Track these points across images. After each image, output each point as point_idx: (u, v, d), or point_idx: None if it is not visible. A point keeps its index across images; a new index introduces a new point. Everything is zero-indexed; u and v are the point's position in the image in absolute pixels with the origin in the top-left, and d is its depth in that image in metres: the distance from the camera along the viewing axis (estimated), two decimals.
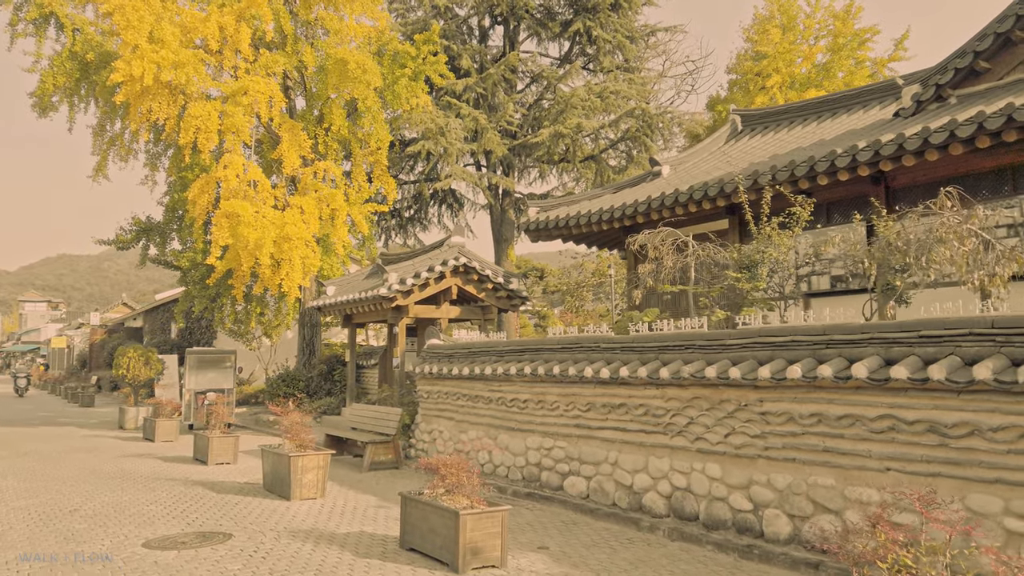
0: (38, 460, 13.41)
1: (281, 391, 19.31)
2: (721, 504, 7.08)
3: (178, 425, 16.77)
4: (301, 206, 18.22)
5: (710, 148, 17.60)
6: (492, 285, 16.70)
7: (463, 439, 11.20)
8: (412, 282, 15.56)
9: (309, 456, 9.48)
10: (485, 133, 22.11)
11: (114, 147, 20.21)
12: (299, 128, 18.70)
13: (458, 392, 11.43)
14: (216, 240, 17.12)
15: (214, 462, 12.71)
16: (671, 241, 11.56)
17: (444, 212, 27.55)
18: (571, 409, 9.10)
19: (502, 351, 10.68)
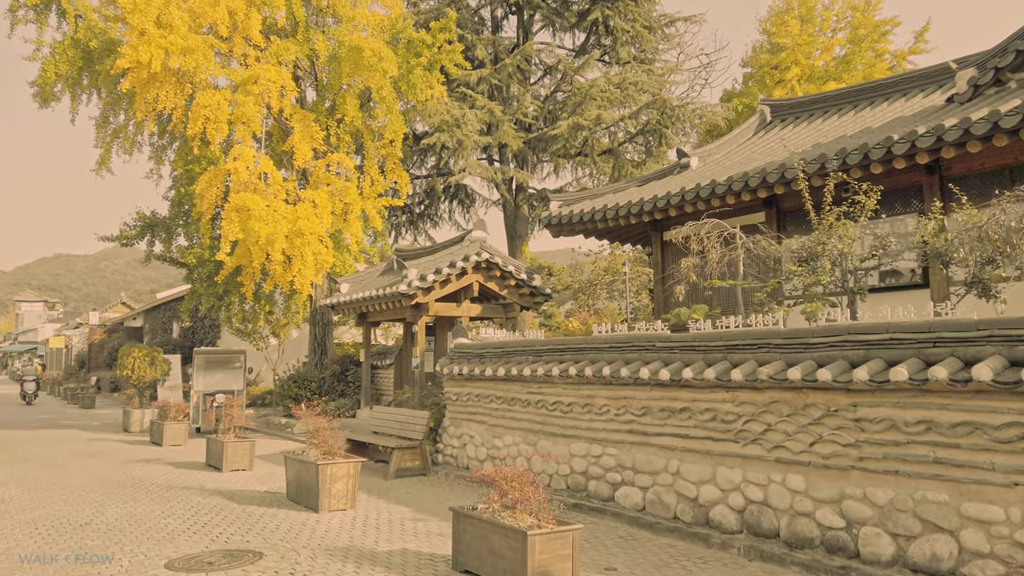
0: (42, 466, 12.70)
1: (292, 392, 18.59)
2: (806, 520, 6.40)
3: (187, 429, 16.06)
4: (314, 200, 17.50)
5: (738, 140, 16.94)
6: (515, 282, 16.01)
7: (497, 445, 10.51)
8: (433, 278, 14.87)
9: (338, 464, 8.78)
10: (501, 126, 21.40)
11: (118, 139, 19.47)
12: (311, 119, 17.99)
13: (491, 394, 10.74)
14: (225, 235, 16.40)
15: (229, 468, 12.01)
16: (717, 233, 10.90)
17: (455, 208, 26.86)
18: (623, 413, 8.42)
19: (540, 350, 9.99)
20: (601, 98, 21.00)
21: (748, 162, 13.95)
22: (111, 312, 61.77)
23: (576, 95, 21.97)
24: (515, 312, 16.46)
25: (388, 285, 15.70)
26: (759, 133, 16.97)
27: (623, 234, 17.33)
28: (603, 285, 30.28)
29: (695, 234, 11.40)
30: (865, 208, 8.92)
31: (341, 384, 18.93)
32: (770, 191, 12.01)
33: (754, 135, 17.00)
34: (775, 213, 13.27)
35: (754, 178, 11.90)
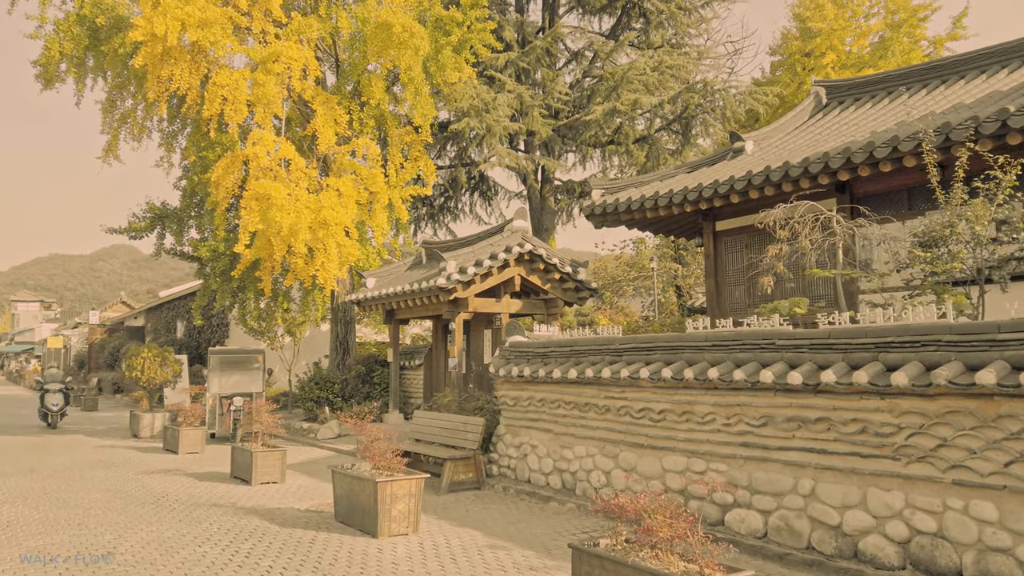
0: (49, 478, 11.48)
1: (314, 395, 17.38)
2: (1002, 558, 5.22)
3: (204, 435, 14.84)
4: (338, 188, 16.28)
5: (793, 123, 15.79)
6: (559, 275, 14.83)
7: (567, 456, 9.31)
8: (474, 271, 13.67)
9: (399, 482, 7.58)
10: (530, 112, 20.19)
11: (126, 125, 18.23)
12: (335, 101, 16.76)
13: (558, 399, 9.55)
14: (245, 226, 15.18)
15: (258, 481, 10.80)
16: (812, 217, 9.72)
17: (476, 201, 25.64)
18: (734, 423, 7.23)
19: (620, 349, 8.80)
20: (638, 82, 19.80)
21: (812, 145, 12.83)
22: (110, 311, 60.55)
23: (609, 79, 20.77)
24: (558, 308, 15.27)
25: (422, 279, 14.50)
26: (815, 116, 15.82)
27: (668, 225, 16.18)
28: (628, 281, 29.12)
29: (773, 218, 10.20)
30: (1003, 185, 7.75)
31: (366, 386, 17.71)
32: (853, 173, 10.89)
33: (810, 118, 15.86)
34: (848, 198, 12.11)
35: (836, 158, 10.77)
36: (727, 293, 14.65)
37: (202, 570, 6.39)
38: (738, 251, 14.30)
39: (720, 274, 14.68)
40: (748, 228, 13.81)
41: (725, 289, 14.64)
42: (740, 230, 14.05)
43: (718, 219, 14.44)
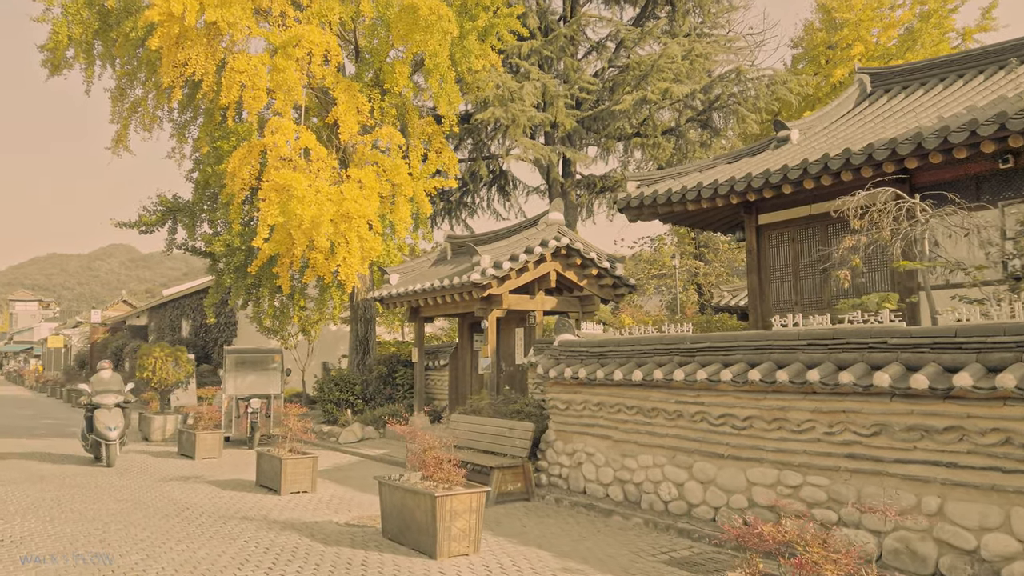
0: (61, 486, 10.69)
1: (333, 396, 16.60)
2: None
3: (221, 439, 14.06)
4: (360, 180, 15.52)
5: (837, 112, 15.05)
6: (596, 271, 14.08)
7: (630, 466, 8.54)
8: (509, 266, 12.91)
9: (460, 496, 6.81)
10: (555, 102, 19.42)
11: (136, 114, 17.46)
12: (356, 88, 15.98)
13: (619, 403, 8.78)
14: (263, 218, 14.42)
15: (288, 491, 10.02)
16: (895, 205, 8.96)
17: (494, 196, 24.86)
18: (838, 432, 6.46)
19: (692, 349, 8.04)
20: (669, 71, 19.04)
21: (867, 134, 12.12)
22: (111, 311, 59.77)
23: (636, 68, 20.00)
24: (594, 305, 14.52)
25: (453, 274, 13.73)
26: (860, 105, 15.07)
27: (706, 218, 15.44)
28: (647, 279, 28.36)
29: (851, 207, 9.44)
30: None
31: (388, 387, 16.94)
32: (923, 160, 10.17)
33: (855, 107, 15.11)
34: (908, 189, 11.36)
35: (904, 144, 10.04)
36: (772, 290, 13.89)
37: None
38: (783, 245, 13.54)
39: (763, 270, 13.92)
40: (794, 221, 13.07)
41: (769, 286, 13.89)
42: (786, 223, 13.30)
43: (761, 212, 13.70)
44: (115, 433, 12.65)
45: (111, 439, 12.64)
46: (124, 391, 13.26)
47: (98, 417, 12.73)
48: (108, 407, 12.85)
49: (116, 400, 12.97)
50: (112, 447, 12.62)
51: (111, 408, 12.86)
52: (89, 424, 13.06)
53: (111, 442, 12.60)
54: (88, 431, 13.13)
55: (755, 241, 13.90)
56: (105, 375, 13.37)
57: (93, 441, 12.97)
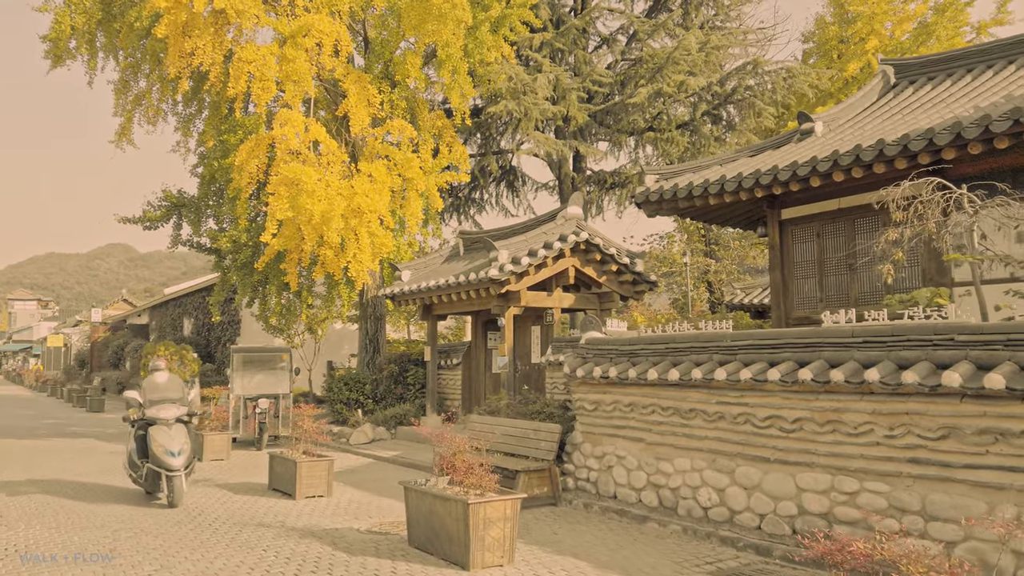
0: (65, 491, 10.27)
1: (343, 396, 16.19)
2: None
3: (229, 440, 13.65)
4: (370, 174, 15.11)
5: (861, 104, 14.65)
6: (616, 267, 13.67)
7: (665, 470, 8.13)
8: (528, 261, 12.51)
9: (493, 504, 6.40)
10: (568, 95, 19.00)
11: (140, 107, 17.04)
12: (367, 80, 15.56)
13: (652, 404, 8.37)
14: (272, 213, 14.01)
15: (304, 495, 9.61)
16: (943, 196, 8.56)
17: (503, 192, 24.43)
18: (900, 435, 6.06)
19: (733, 347, 7.63)
20: (685, 63, 18.62)
21: (893, 126, 11.76)
22: (111, 309, 59.36)
23: (650, 61, 19.58)
24: (613, 303, 14.12)
25: (469, 270, 13.33)
26: (885, 97, 14.67)
27: (726, 214, 15.06)
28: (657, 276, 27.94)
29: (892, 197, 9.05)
30: None
31: (399, 387, 16.52)
32: (961, 150, 9.81)
33: (879, 99, 14.71)
34: None
35: (943, 135, 9.70)
36: (796, 287, 13.50)
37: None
38: (808, 241, 13.15)
39: (787, 266, 13.53)
40: (820, 216, 12.71)
41: (793, 283, 13.49)
42: (810, 218, 12.92)
43: (784, 207, 13.32)
44: (180, 460, 9.12)
45: (175, 468, 9.03)
46: (187, 399, 9.84)
47: (155, 437, 9.11)
48: (167, 423, 9.30)
49: (177, 413, 9.48)
50: (176, 480, 9.06)
51: (171, 424, 9.31)
52: (141, 447, 9.46)
53: (175, 472, 9.06)
54: (139, 456, 9.52)
55: (778, 237, 13.52)
56: (161, 378, 9.77)
57: (149, 472, 9.36)
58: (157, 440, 9.09)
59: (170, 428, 9.28)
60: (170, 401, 9.58)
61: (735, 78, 19.04)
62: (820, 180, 11.32)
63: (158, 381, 9.72)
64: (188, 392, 9.94)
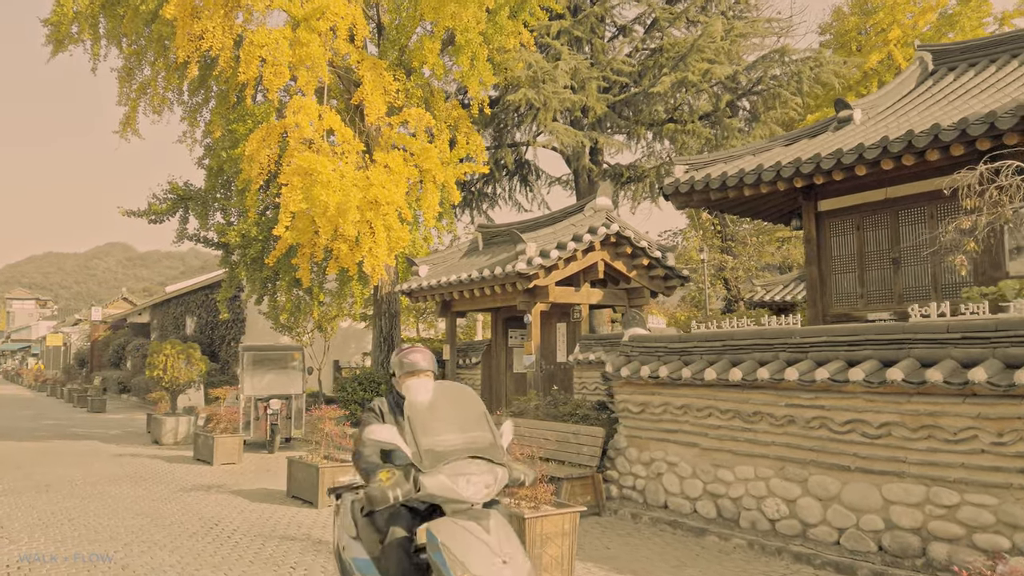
0: (69, 497, 9.62)
1: (357, 396, 15.53)
2: None
3: (241, 442, 13.00)
4: (387, 164, 14.44)
5: (899, 92, 14.00)
6: (647, 261, 13.02)
7: (724, 478, 7.48)
8: (557, 254, 11.87)
9: (551, 518, 5.75)
10: (587, 84, 18.35)
11: (145, 96, 16.36)
12: (383, 66, 14.89)
13: (708, 406, 7.72)
14: (285, 204, 13.35)
15: (327, 503, 8.96)
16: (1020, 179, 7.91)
17: (516, 186, 23.78)
18: (1011, 442, 5.41)
19: (803, 344, 6.98)
20: (710, 51, 17.97)
21: (939, 113, 11.16)
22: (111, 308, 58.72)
23: (672, 49, 18.94)
24: (643, 299, 13.48)
25: (494, 264, 12.67)
26: (924, 84, 14.03)
27: (757, 206, 14.44)
28: None
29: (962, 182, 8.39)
30: None
31: None
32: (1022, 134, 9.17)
33: (918, 86, 14.06)
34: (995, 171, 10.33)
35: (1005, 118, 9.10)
36: (834, 282, 12.86)
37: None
38: (847, 234, 12.52)
39: (824, 261, 12.90)
40: (860, 207, 12.08)
41: (831, 278, 12.86)
42: (850, 210, 12.29)
43: (822, 198, 12.70)
44: None
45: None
46: (500, 439, 3.56)
47: (458, 554, 3.10)
48: (477, 514, 3.26)
49: (493, 482, 3.37)
50: None
51: (485, 518, 3.25)
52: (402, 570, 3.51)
53: None
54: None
55: (814, 230, 12.90)
56: (427, 393, 3.55)
57: None
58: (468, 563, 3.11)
59: (487, 528, 3.23)
60: (477, 458, 3.40)
61: (761, 67, 18.40)
62: (866, 168, 10.68)
63: (429, 404, 3.54)
64: (501, 429, 3.80)
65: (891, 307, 11.74)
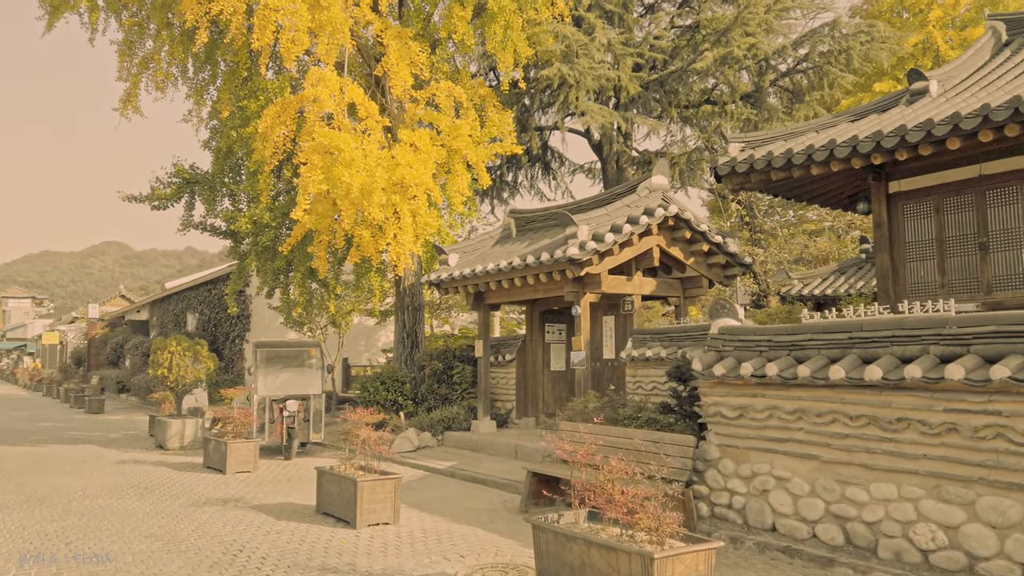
0: (68, 514, 8.33)
1: (379, 396, 14.26)
2: None
3: (257, 448, 11.72)
4: (413, 143, 13.19)
5: (974, 63, 12.73)
6: (707, 247, 11.77)
7: (856, 498, 6.22)
8: (613, 238, 10.60)
9: (684, 557, 4.49)
10: (623, 60, 17.07)
11: (147, 71, 15.06)
12: (408, 35, 13.61)
13: (833, 410, 6.46)
14: (304, 186, 12.11)
15: (366, 523, 7.69)
16: None
17: (537, 175, 22.50)
18: None
19: (960, 335, 5.72)
20: (754, 24, 16.71)
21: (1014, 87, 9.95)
22: (109, 305, 57.43)
23: (710, 25, 17.67)
24: (701, 289, 12.23)
25: (540, 250, 11.39)
26: (1001, 55, 12.77)
27: (817, 190, 13.20)
28: None
29: None
30: None
31: (443, 386, 14.58)
32: None
33: (993, 57, 12.81)
34: None
35: None
36: (909, 271, 11.60)
37: None
38: (924, 217, 11.26)
39: (896, 247, 11.64)
40: (939, 188, 10.83)
41: (906, 266, 11.60)
42: (927, 191, 11.04)
43: (893, 179, 11.46)
44: None
45: None
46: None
47: None
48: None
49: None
50: None
51: None
52: None
53: None
54: None
55: (885, 213, 11.64)
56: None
57: None
58: None
59: None
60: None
61: (808, 42, 17.14)
62: (960, 141, 9.42)
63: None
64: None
65: (978, 297, 10.50)
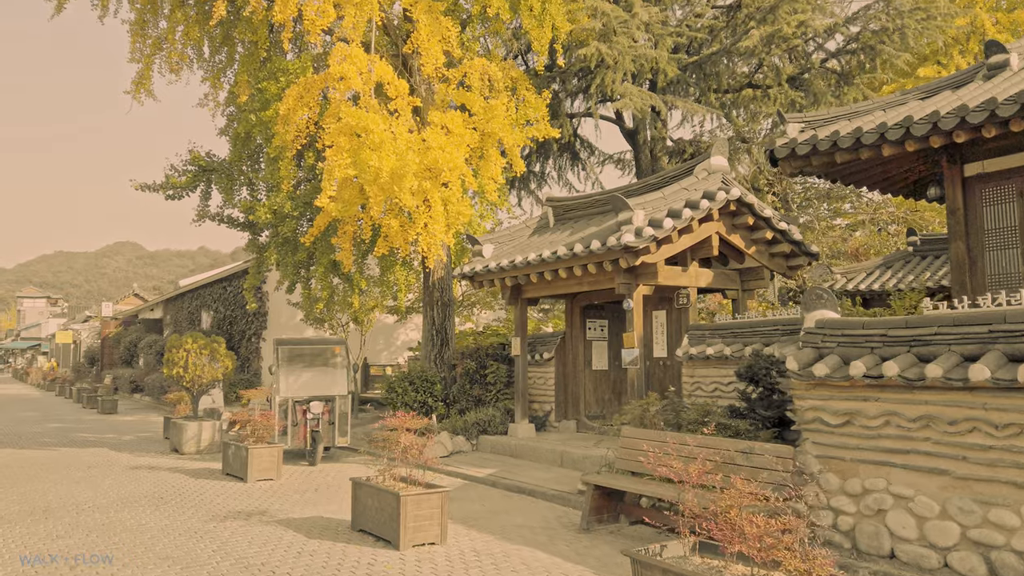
0: (74, 529, 7.43)
1: (410, 398, 13.33)
2: None
3: (280, 454, 10.81)
4: (445, 125, 12.26)
5: None
6: (771, 235, 10.77)
7: (1001, 521, 5.23)
8: (672, 224, 9.62)
9: None
10: (662, 41, 16.07)
11: (160, 52, 14.20)
12: (440, 9, 12.68)
13: (972, 417, 5.46)
14: (329, 170, 11.20)
15: (411, 543, 6.74)
16: None
17: (565, 164, 21.53)
18: None
19: None
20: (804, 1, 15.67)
21: None
22: (122, 304, 56.98)
23: (753, 3, 16.64)
24: (762, 281, 11.22)
25: (589, 239, 10.41)
26: None
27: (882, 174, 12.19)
28: None
29: None
30: None
31: (476, 387, 13.63)
32: None
33: None
34: None
35: None
36: (988, 260, 10.55)
37: None
38: (1005, 202, 10.20)
39: (973, 235, 10.60)
40: (1021, 170, 9.82)
41: (984, 255, 10.56)
42: (1009, 173, 10.00)
43: (969, 161, 10.42)
44: None
45: None
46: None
47: None
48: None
49: None
50: None
51: None
52: None
53: None
54: None
55: (961, 199, 10.61)
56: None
57: None
58: None
59: None
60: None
61: (861, 20, 16.08)
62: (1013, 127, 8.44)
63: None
64: None
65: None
